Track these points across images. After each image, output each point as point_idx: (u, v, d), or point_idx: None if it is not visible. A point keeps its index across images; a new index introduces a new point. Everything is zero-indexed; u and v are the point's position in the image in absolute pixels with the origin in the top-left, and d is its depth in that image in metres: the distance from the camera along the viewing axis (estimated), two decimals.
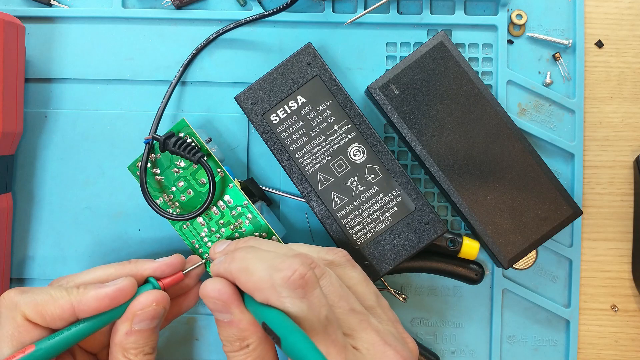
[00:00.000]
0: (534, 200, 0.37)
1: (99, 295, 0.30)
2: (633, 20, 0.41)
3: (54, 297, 0.30)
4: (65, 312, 0.30)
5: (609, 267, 0.41)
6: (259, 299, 0.28)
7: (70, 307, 0.30)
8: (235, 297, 0.30)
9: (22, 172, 0.40)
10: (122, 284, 0.31)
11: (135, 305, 0.31)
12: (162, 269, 0.33)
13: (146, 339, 0.31)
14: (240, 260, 0.30)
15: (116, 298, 0.31)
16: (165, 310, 0.32)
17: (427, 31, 0.40)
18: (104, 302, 0.30)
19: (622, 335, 0.41)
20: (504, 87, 0.40)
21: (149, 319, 0.31)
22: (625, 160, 0.41)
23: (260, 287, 0.28)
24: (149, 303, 0.31)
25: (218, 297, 0.30)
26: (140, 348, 0.31)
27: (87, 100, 0.41)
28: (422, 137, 0.37)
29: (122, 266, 0.33)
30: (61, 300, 0.30)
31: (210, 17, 0.40)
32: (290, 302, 0.27)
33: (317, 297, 0.27)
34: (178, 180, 0.36)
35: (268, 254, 0.30)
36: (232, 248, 0.34)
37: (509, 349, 0.40)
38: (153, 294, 0.31)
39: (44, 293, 0.30)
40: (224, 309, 0.30)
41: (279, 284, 0.27)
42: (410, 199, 0.36)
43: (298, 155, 0.36)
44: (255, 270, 0.28)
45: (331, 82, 0.36)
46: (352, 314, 0.29)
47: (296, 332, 0.25)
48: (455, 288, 0.41)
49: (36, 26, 0.40)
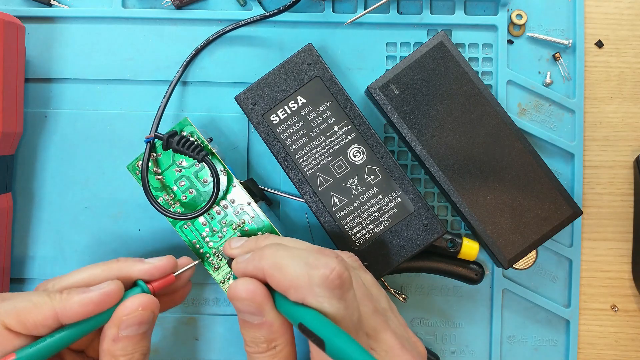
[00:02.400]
0: (534, 200, 0.37)
1: (83, 300, 0.29)
2: (633, 20, 0.41)
3: (35, 303, 0.29)
4: (48, 319, 0.29)
5: (609, 267, 0.41)
6: (293, 298, 0.27)
7: (53, 313, 0.29)
8: (268, 297, 0.28)
9: (22, 172, 0.40)
10: (107, 288, 0.30)
11: (121, 310, 0.30)
12: (152, 273, 0.32)
13: (135, 345, 0.30)
14: (272, 256, 0.28)
15: (101, 303, 0.29)
16: (154, 315, 0.31)
17: (427, 31, 0.40)
18: (89, 307, 0.29)
19: (622, 335, 0.41)
20: (504, 87, 0.40)
21: (137, 325, 0.30)
22: (625, 160, 0.41)
23: (296, 285, 0.26)
24: (134, 308, 0.30)
25: (252, 299, 0.28)
26: (129, 355, 0.30)
27: (87, 100, 0.41)
28: (422, 137, 0.37)
29: (109, 266, 0.32)
30: (43, 307, 0.29)
31: (210, 17, 0.40)
32: (328, 302, 0.26)
33: (352, 297, 0.27)
34: (180, 179, 0.36)
35: (300, 251, 0.28)
36: (252, 245, 0.32)
37: (509, 349, 0.40)
38: (139, 298, 0.30)
39: (25, 300, 0.29)
40: (256, 310, 0.28)
41: (316, 283, 0.26)
42: (410, 200, 0.36)
43: (298, 155, 0.36)
44: (290, 266, 0.27)
45: (331, 82, 0.36)
46: (375, 315, 0.29)
47: (342, 335, 0.24)
48: (455, 288, 0.41)
49: (36, 26, 0.40)
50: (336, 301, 0.26)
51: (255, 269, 0.28)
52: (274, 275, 0.27)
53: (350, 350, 0.24)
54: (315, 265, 0.26)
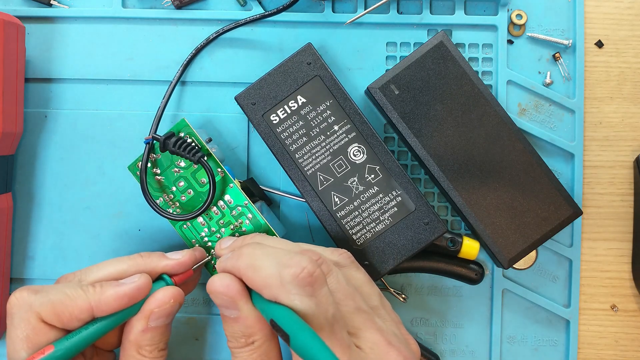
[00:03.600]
0: (534, 200, 0.37)
1: (118, 293, 0.30)
2: (633, 20, 0.41)
3: (70, 296, 0.29)
4: (84, 312, 0.29)
5: (609, 267, 0.41)
6: (266, 296, 0.28)
7: (89, 306, 0.29)
8: (242, 293, 0.29)
9: (22, 172, 0.40)
10: (140, 282, 0.31)
11: (152, 302, 0.31)
12: (176, 268, 0.33)
13: (161, 335, 0.31)
14: (248, 256, 0.29)
15: (134, 296, 0.30)
16: (180, 307, 0.32)
17: (427, 31, 0.40)
18: (124, 300, 0.30)
19: (622, 335, 0.41)
20: (504, 87, 0.40)
21: (166, 316, 0.31)
22: (625, 160, 0.41)
23: (268, 284, 0.28)
24: (166, 300, 0.31)
25: (226, 293, 0.29)
26: (155, 345, 0.31)
27: (87, 100, 0.41)
28: (422, 137, 0.37)
29: (134, 261, 0.32)
30: (79, 300, 0.29)
31: (210, 17, 0.40)
32: (298, 299, 0.27)
33: (324, 294, 0.27)
34: (178, 180, 0.36)
35: (275, 251, 0.29)
36: (238, 244, 0.33)
37: (509, 349, 0.40)
38: (170, 290, 0.31)
39: (60, 292, 0.30)
40: (231, 304, 0.29)
41: (287, 281, 0.27)
42: (410, 199, 0.36)
43: (298, 155, 0.36)
44: (263, 266, 0.28)
45: (331, 82, 0.36)
46: (357, 313, 0.29)
47: (306, 330, 0.25)
48: (455, 288, 0.40)
49: (36, 26, 0.40)
50: (307, 298, 0.27)
51: (233, 267, 0.30)
52: (247, 274, 0.29)
53: (313, 345, 0.24)
54: (287, 264, 0.27)
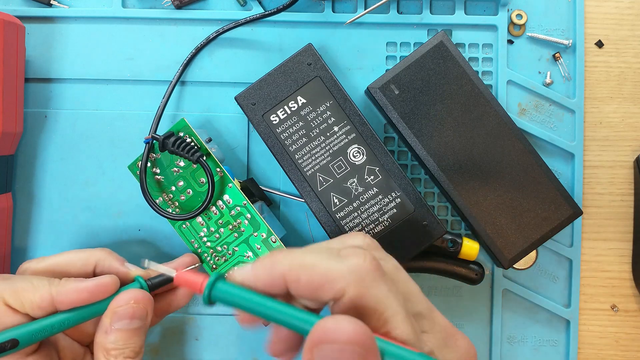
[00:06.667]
0: (534, 200, 0.37)
1: (78, 287, 0.30)
2: (633, 20, 0.40)
3: (34, 285, 0.30)
4: (44, 300, 0.30)
5: (609, 267, 0.41)
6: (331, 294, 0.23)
7: (49, 296, 0.30)
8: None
9: (22, 172, 0.40)
10: (103, 279, 0.31)
11: (115, 302, 0.31)
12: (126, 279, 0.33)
13: (126, 340, 0.31)
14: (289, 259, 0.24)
15: (95, 293, 0.31)
16: (147, 312, 0.31)
17: (427, 31, 0.40)
18: (83, 295, 0.30)
19: (622, 335, 0.41)
20: (504, 87, 0.40)
21: (128, 318, 0.31)
22: (625, 160, 0.41)
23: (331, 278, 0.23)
24: (127, 300, 0.31)
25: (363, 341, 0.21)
26: (121, 350, 0.31)
27: (87, 100, 0.41)
28: (422, 137, 0.37)
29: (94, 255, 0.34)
30: (41, 289, 0.30)
31: (210, 17, 0.40)
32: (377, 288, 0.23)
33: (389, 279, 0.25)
34: (178, 180, 0.36)
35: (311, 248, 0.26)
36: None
37: (509, 349, 0.40)
38: (133, 292, 0.31)
39: (26, 281, 0.31)
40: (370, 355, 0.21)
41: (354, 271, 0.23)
42: (410, 200, 0.36)
43: (298, 155, 0.36)
44: (316, 262, 0.24)
45: (331, 83, 0.36)
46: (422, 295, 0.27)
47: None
48: (455, 288, 0.40)
49: (36, 26, 0.40)
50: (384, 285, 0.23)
51: (270, 277, 0.24)
52: (297, 276, 0.24)
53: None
54: (344, 255, 0.24)
